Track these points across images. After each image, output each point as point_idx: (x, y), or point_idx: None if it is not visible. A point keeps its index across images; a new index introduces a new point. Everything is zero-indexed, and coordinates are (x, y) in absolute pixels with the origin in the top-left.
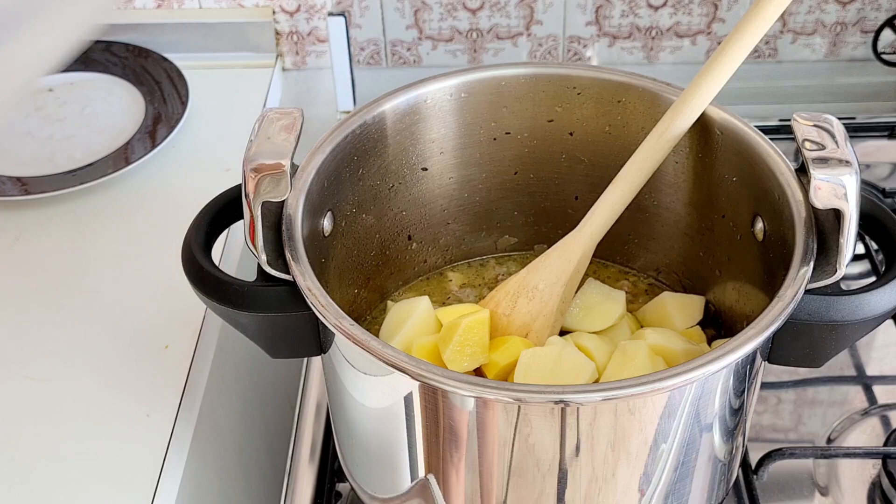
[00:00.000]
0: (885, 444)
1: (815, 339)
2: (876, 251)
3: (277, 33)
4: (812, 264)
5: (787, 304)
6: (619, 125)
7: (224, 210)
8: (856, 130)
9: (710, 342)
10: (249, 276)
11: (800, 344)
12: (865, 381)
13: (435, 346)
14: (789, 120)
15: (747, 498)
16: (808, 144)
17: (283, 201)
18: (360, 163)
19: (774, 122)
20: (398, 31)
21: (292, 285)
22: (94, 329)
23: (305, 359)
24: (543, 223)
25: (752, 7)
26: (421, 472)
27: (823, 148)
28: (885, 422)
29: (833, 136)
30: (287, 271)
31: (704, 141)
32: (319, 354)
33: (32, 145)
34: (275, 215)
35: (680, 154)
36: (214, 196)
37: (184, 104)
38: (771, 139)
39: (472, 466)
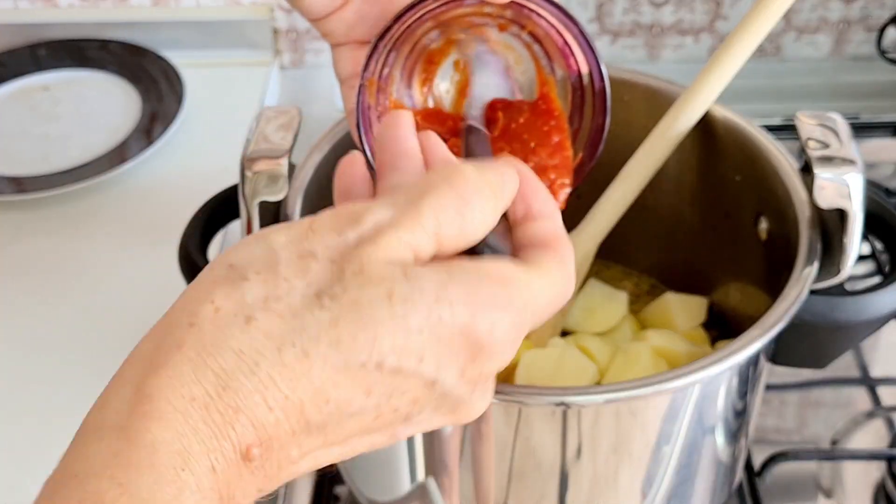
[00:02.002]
0: (890, 447)
1: (820, 340)
2: (881, 251)
3: (275, 31)
4: (816, 264)
5: (792, 305)
6: (621, 123)
7: (221, 209)
8: (860, 129)
9: (713, 343)
10: None
11: (804, 345)
12: (870, 383)
13: None
14: (793, 119)
15: (751, 501)
16: (811, 143)
17: (281, 201)
18: None
19: (778, 121)
20: None
21: None
22: (90, 328)
23: None
24: None
25: (756, 4)
26: (420, 475)
27: (827, 147)
28: (890, 424)
29: (837, 135)
30: None
31: (707, 140)
32: None
33: (28, 144)
34: (272, 215)
35: (682, 153)
36: (211, 195)
37: (180, 102)
38: (774, 138)
39: (472, 469)
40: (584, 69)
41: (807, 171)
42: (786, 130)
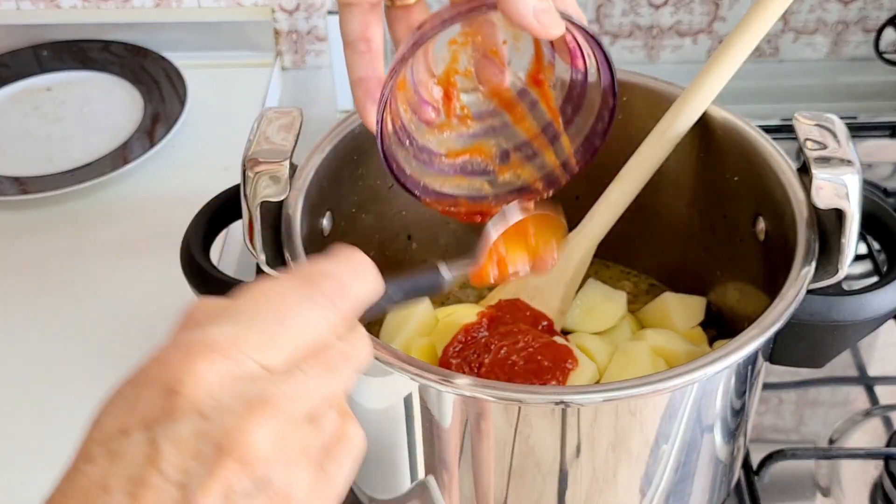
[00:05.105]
0: (887, 445)
1: (817, 340)
2: (878, 251)
3: (276, 32)
4: (814, 264)
5: (789, 305)
6: (619, 124)
7: (223, 209)
8: (858, 130)
9: (711, 343)
10: (248, 275)
11: (801, 344)
12: (867, 382)
13: (435, 346)
14: (791, 119)
15: (749, 499)
16: (809, 144)
17: (282, 201)
18: (359, 162)
19: (776, 122)
20: None
21: None
22: (92, 329)
23: None
24: None
25: (754, 6)
26: (421, 474)
27: (825, 147)
28: (887, 422)
29: (835, 136)
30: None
31: (706, 140)
32: None
33: (31, 145)
34: (274, 215)
35: (681, 153)
36: (213, 196)
37: (182, 103)
38: (773, 138)
39: (472, 467)
40: (592, 74)
41: (805, 171)
42: (784, 131)
